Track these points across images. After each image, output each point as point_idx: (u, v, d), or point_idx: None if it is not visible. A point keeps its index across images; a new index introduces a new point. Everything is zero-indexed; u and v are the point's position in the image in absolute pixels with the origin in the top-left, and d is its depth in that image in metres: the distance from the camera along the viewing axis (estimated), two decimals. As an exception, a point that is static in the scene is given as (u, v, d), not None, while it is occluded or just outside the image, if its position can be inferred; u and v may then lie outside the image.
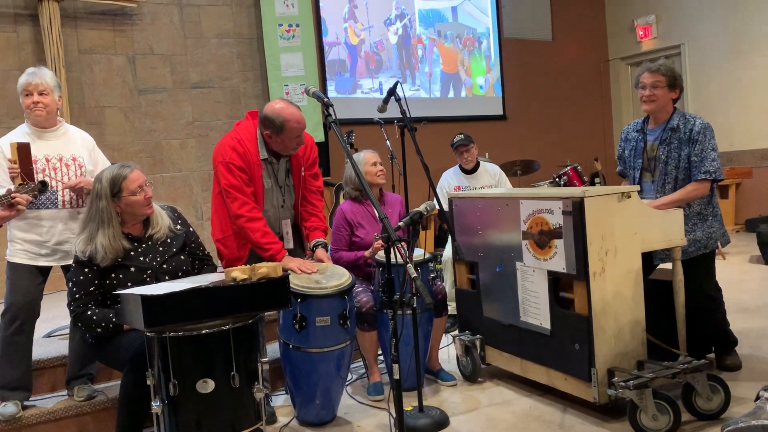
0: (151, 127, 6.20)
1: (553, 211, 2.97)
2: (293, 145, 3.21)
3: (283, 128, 3.12)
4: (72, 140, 3.21)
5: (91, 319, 2.71)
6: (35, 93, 3.06)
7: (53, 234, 3.08)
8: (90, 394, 3.19)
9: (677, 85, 3.29)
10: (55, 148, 3.13)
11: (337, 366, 3.09)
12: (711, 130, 3.23)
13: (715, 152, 3.19)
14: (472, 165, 4.86)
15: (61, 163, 3.12)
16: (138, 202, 2.81)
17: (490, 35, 8.45)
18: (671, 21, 8.63)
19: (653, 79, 3.28)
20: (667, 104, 3.30)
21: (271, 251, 3.13)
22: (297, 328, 3.02)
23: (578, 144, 8.92)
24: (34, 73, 3.08)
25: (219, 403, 2.42)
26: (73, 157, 3.16)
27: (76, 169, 3.15)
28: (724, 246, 3.36)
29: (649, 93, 3.29)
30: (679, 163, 3.23)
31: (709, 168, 3.15)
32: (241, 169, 3.14)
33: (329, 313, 3.02)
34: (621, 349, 2.91)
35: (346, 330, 3.08)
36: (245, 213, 3.12)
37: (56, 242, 3.09)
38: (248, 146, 3.18)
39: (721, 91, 8.10)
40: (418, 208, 2.89)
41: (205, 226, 6.27)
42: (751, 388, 3.04)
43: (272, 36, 6.54)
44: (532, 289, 3.14)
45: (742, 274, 5.61)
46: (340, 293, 3.02)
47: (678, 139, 3.24)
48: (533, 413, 3.10)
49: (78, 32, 5.84)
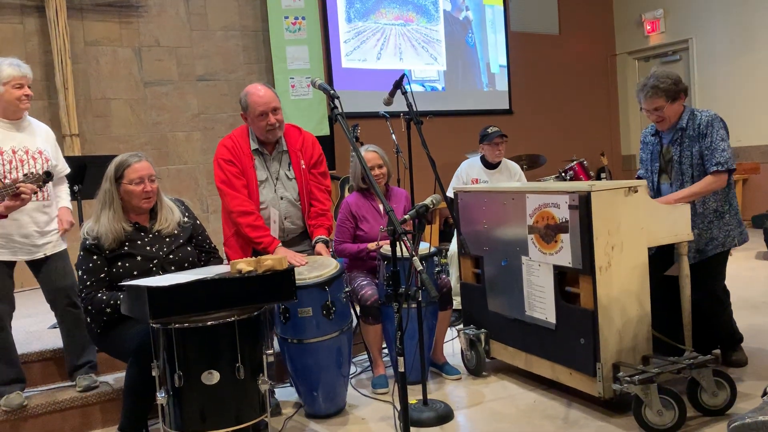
0: (156, 119, 6.20)
1: (559, 205, 2.96)
2: (262, 124, 3.21)
3: (247, 104, 3.21)
4: (36, 133, 3.20)
5: (102, 299, 2.72)
6: (26, 86, 3.06)
7: (18, 227, 3.04)
8: (90, 384, 3.20)
9: (679, 92, 3.21)
10: (21, 140, 3.10)
11: (333, 359, 3.09)
12: (719, 120, 3.19)
13: (725, 142, 3.14)
14: (501, 158, 4.81)
15: (28, 156, 3.10)
16: (135, 193, 2.81)
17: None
18: (679, 15, 8.57)
19: (653, 105, 3.20)
20: (677, 113, 3.24)
21: (262, 244, 3.17)
22: (282, 319, 3.06)
23: (584, 139, 8.88)
24: (20, 65, 3.07)
25: (224, 395, 2.43)
26: (39, 150, 3.15)
27: (43, 163, 3.13)
28: (741, 244, 3.27)
29: (656, 117, 3.24)
30: (692, 160, 3.19)
31: (719, 159, 3.10)
32: (230, 162, 3.22)
33: (310, 305, 3.02)
34: (626, 344, 2.91)
35: (332, 321, 3.06)
36: (235, 208, 3.19)
37: (22, 235, 3.05)
38: (238, 140, 3.28)
39: (728, 86, 8.05)
40: (424, 201, 2.89)
41: (210, 218, 6.29)
42: (757, 384, 3.03)
43: (278, 28, 6.53)
44: (538, 283, 3.13)
45: (749, 270, 5.59)
46: (319, 285, 3.01)
47: (688, 138, 3.21)
48: (538, 407, 3.10)
49: (84, 24, 5.84)
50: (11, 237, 3.04)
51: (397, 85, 3.49)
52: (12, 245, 3.05)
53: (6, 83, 3.05)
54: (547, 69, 8.79)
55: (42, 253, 3.13)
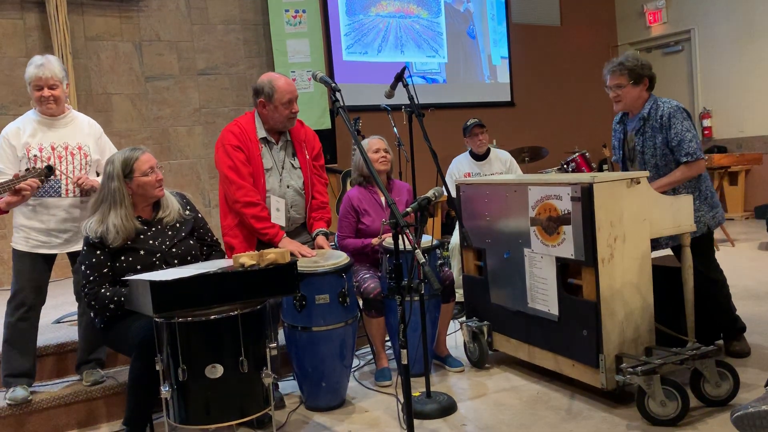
0: (158, 114, 6.20)
1: (561, 197, 2.95)
2: (287, 112, 3.22)
3: (273, 90, 3.19)
4: (79, 128, 3.20)
5: (105, 296, 2.72)
6: (45, 87, 3.05)
7: (56, 222, 3.08)
8: (97, 379, 3.22)
9: (642, 77, 3.25)
10: (61, 136, 3.12)
11: (340, 349, 3.11)
12: (681, 111, 3.22)
13: (691, 133, 3.17)
14: (485, 149, 4.81)
15: (67, 152, 3.11)
16: (149, 183, 2.83)
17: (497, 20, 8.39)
18: (681, 6, 8.54)
19: (615, 81, 3.28)
20: (636, 99, 3.29)
21: (268, 236, 3.16)
22: (298, 307, 3.06)
23: (587, 130, 8.85)
24: (43, 66, 3.04)
25: (227, 388, 2.43)
26: (79, 145, 3.15)
27: (81, 158, 3.14)
28: (714, 228, 3.31)
29: (614, 95, 3.30)
30: (655, 151, 3.24)
31: (688, 150, 3.15)
32: (237, 147, 3.19)
33: (328, 291, 3.05)
34: (629, 335, 2.91)
35: (346, 309, 3.10)
36: (241, 198, 3.17)
37: (59, 230, 3.09)
38: (246, 127, 3.25)
39: (731, 77, 8.02)
40: (426, 193, 2.88)
41: (212, 213, 6.29)
42: (760, 374, 3.03)
43: (279, 22, 6.52)
44: (540, 275, 3.13)
45: (751, 260, 5.59)
46: (338, 271, 3.05)
47: (651, 128, 3.25)
48: (541, 399, 3.10)
49: (84, 19, 5.83)
50: (50, 232, 3.07)
51: (398, 77, 3.48)
52: (50, 239, 3.08)
53: (29, 83, 3.07)
54: (548, 60, 8.76)
55: (77, 246, 3.12)
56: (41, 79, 3.04)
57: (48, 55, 3.15)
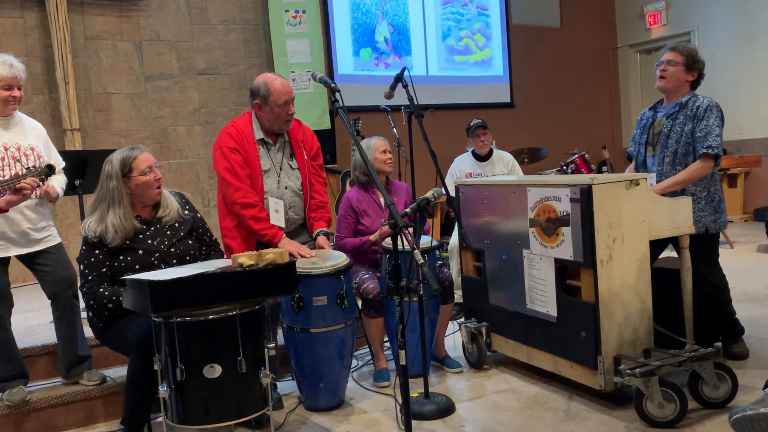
0: (157, 113, 6.20)
1: (560, 198, 2.95)
2: (283, 114, 3.22)
3: (269, 92, 3.18)
4: (26, 129, 3.14)
5: (104, 295, 2.72)
6: (15, 87, 3.01)
7: (11, 224, 3.00)
8: (102, 378, 3.20)
9: (695, 68, 3.28)
10: (12, 137, 3.06)
11: (338, 350, 3.10)
12: (719, 110, 3.23)
13: (719, 130, 3.18)
14: (488, 149, 4.81)
15: (20, 152, 3.05)
16: (148, 182, 2.82)
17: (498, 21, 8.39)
18: (681, 7, 8.54)
19: (670, 56, 3.29)
20: (680, 85, 3.29)
21: (267, 236, 3.16)
22: (296, 308, 3.05)
23: (586, 132, 8.87)
24: (13, 66, 3.01)
25: (226, 388, 2.43)
26: (31, 146, 3.10)
27: (35, 159, 3.08)
28: (713, 231, 3.28)
29: (662, 68, 3.30)
30: (681, 137, 3.23)
31: (711, 143, 3.14)
32: (234, 150, 3.18)
33: (326, 293, 3.04)
34: (628, 336, 2.91)
35: (345, 310, 3.09)
36: (239, 200, 3.16)
37: (15, 232, 3.01)
38: (243, 128, 3.25)
39: (731, 79, 8.02)
40: (426, 194, 2.88)
41: (211, 213, 6.29)
42: (758, 377, 3.03)
43: (279, 22, 6.52)
44: (539, 276, 3.13)
45: (750, 263, 5.59)
46: (336, 273, 3.04)
47: (684, 115, 3.24)
48: (539, 400, 3.10)
49: (84, 18, 5.83)
50: (5, 234, 2.99)
51: (398, 78, 3.49)
52: (4, 241, 3.00)
53: None
54: (548, 62, 8.77)
55: (37, 246, 3.07)
56: (14, 79, 3.00)
57: (9, 56, 3.07)
